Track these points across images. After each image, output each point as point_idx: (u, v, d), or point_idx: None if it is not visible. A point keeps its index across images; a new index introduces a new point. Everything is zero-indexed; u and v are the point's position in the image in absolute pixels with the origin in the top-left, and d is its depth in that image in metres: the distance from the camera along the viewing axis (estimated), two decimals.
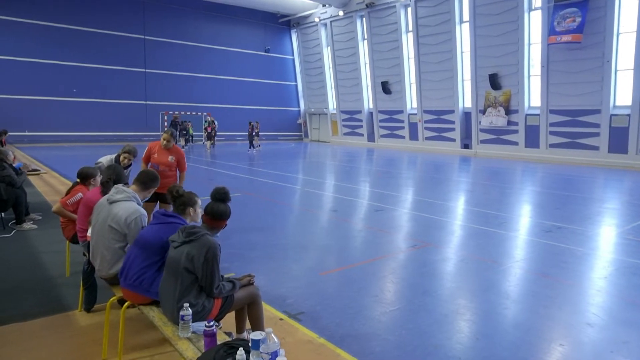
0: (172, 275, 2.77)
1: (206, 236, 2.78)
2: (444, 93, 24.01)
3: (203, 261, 2.69)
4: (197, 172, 14.28)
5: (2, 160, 6.72)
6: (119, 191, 3.41)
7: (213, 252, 2.72)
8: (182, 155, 5.87)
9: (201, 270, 2.70)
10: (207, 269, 2.70)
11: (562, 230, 7.19)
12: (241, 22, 31.22)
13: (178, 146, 6.09)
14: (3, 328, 3.54)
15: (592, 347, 3.46)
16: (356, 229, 7.40)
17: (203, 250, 2.70)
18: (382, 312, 4.04)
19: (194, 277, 2.72)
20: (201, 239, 2.75)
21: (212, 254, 2.72)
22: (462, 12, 22.72)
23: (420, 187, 12.37)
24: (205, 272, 2.71)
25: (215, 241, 2.79)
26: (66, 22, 24.84)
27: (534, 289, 4.68)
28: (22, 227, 6.55)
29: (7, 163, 6.79)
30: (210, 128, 24.19)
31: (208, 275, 2.71)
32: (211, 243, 2.75)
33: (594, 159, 18.56)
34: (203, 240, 2.74)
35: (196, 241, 2.74)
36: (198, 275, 2.72)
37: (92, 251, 3.45)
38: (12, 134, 21.32)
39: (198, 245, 2.72)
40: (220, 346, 2.23)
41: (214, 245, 2.74)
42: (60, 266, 4.91)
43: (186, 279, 2.71)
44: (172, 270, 2.77)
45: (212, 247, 2.73)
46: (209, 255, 2.70)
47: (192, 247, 2.72)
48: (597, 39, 17.90)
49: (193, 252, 2.70)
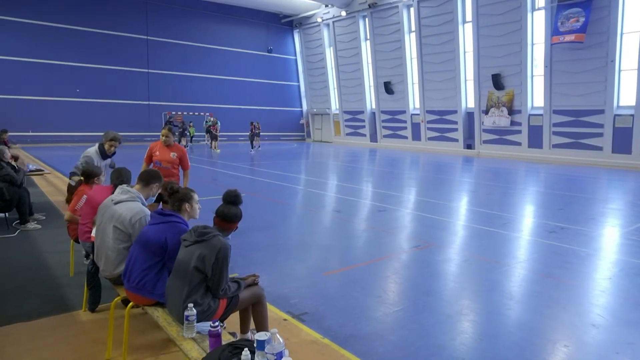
0: (181, 274, 2.78)
1: (218, 237, 2.80)
2: (447, 93, 23.98)
3: (214, 261, 2.71)
4: (200, 172, 14.30)
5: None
6: (124, 191, 3.42)
7: (224, 253, 2.74)
8: (184, 152, 5.88)
9: (211, 269, 2.72)
10: (217, 268, 2.72)
11: (565, 231, 7.17)
12: (244, 23, 31.26)
13: (179, 145, 6.09)
14: (8, 327, 3.55)
15: (596, 348, 3.45)
16: (359, 229, 7.40)
17: (215, 250, 2.72)
18: (386, 313, 4.04)
19: (203, 276, 2.74)
20: (213, 239, 2.77)
21: (224, 254, 2.74)
22: (465, 12, 22.69)
23: (423, 188, 12.36)
24: (215, 272, 2.72)
25: (226, 242, 2.81)
26: (69, 23, 24.93)
27: (537, 290, 4.66)
28: (26, 227, 6.56)
29: (4, 162, 6.75)
30: (214, 128, 24.22)
31: (217, 275, 2.73)
32: (223, 244, 2.76)
33: (598, 159, 18.49)
34: (215, 241, 2.76)
35: (208, 241, 2.76)
36: (208, 274, 2.73)
37: (96, 251, 3.46)
38: (16, 134, 21.41)
39: (210, 245, 2.74)
40: (225, 346, 2.23)
41: (225, 246, 2.76)
42: (64, 266, 4.93)
43: (195, 277, 2.72)
44: (181, 269, 2.78)
45: (223, 248, 2.75)
46: (220, 255, 2.72)
47: (204, 247, 2.74)
48: (600, 38, 17.84)
49: (204, 251, 2.72)
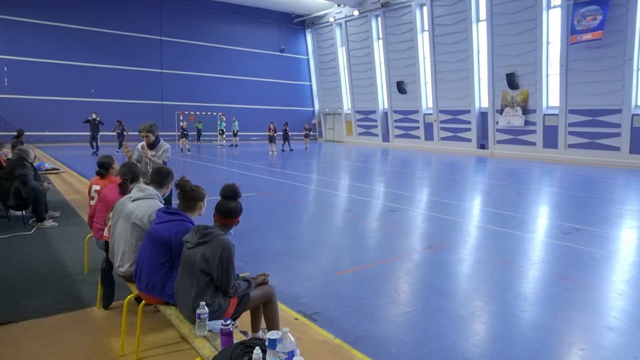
0: (187, 277, 2.77)
1: (220, 236, 2.77)
2: (460, 93, 23.77)
3: (218, 262, 2.69)
4: (214, 172, 14.39)
5: (23, 159, 6.86)
6: (141, 189, 3.47)
7: (228, 252, 2.72)
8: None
9: (216, 270, 2.70)
10: (222, 269, 2.70)
11: (581, 232, 7.05)
12: (256, 23, 31.39)
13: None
14: (25, 323, 3.61)
15: (613, 352, 3.38)
16: (371, 229, 7.37)
17: (218, 251, 2.70)
18: (398, 313, 4.01)
19: (209, 277, 2.72)
20: (215, 239, 2.74)
21: (227, 254, 2.71)
22: (478, 11, 22.47)
23: (435, 188, 12.26)
24: (221, 272, 2.71)
25: (229, 241, 2.78)
26: (85, 25, 25.33)
27: (552, 292, 4.59)
28: (43, 225, 6.68)
29: (28, 162, 6.92)
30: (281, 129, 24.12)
31: (224, 275, 2.72)
32: (225, 243, 2.74)
33: (615, 159, 18.16)
34: (217, 241, 2.74)
35: (210, 242, 2.73)
36: (213, 275, 2.72)
37: (111, 248, 3.50)
38: (33, 133, 21.82)
39: (212, 246, 2.72)
40: (236, 345, 2.23)
41: (228, 245, 2.74)
42: (79, 263, 4.99)
43: (202, 280, 2.71)
44: (187, 272, 2.78)
45: (226, 247, 2.72)
46: (224, 256, 2.70)
47: (207, 248, 2.72)
48: (618, 36, 17.51)
49: (207, 253, 2.70)
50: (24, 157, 6.89)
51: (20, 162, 6.74)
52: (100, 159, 4.86)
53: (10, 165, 6.79)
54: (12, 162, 6.84)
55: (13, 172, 6.59)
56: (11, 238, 6.05)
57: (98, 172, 4.78)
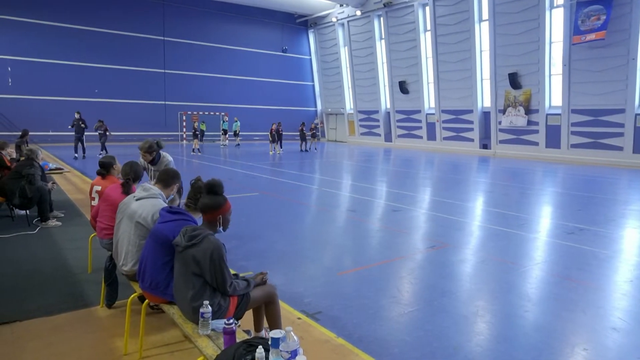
0: (182, 280, 2.76)
1: (208, 237, 2.72)
2: (463, 92, 23.74)
3: (209, 263, 2.66)
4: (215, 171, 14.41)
5: (32, 159, 6.91)
6: (146, 189, 3.47)
7: (218, 252, 2.67)
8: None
9: (209, 272, 2.67)
10: (215, 269, 2.67)
11: (584, 232, 7.03)
12: (259, 23, 31.42)
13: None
14: (29, 322, 3.63)
15: (617, 353, 3.37)
16: (374, 229, 7.37)
17: (208, 253, 2.66)
18: (401, 313, 4.01)
19: (203, 279, 2.70)
20: (203, 241, 2.70)
21: (217, 254, 2.67)
22: (481, 11, 22.43)
23: (438, 188, 12.25)
24: (214, 273, 2.68)
25: (218, 241, 2.74)
26: (88, 25, 25.40)
27: (556, 292, 4.58)
28: (47, 224, 6.71)
29: (36, 162, 6.96)
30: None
31: (218, 275, 2.69)
32: (214, 243, 2.69)
33: (618, 159, 18.10)
34: (205, 242, 2.69)
35: (199, 244, 2.69)
36: (207, 277, 2.69)
37: (115, 247, 3.51)
38: (37, 134, 21.87)
39: (202, 249, 2.68)
40: (239, 344, 2.23)
41: (217, 245, 2.69)
42: (82, 263, 5.01)
43: (197, 282, 2.69)
44: (181, 275, 2.76)
45: (215, 248, 2.68)
46: (215, 256, 2.66)
47: (196, 250, 2.68)
48: (622, 36, 17.44)
49: (198, 255, 2.67)
50: (33, 157, 6.95)
51: (29, 162, 6.81)
52: (102, 159, 4.88)
53: (20, 165, 6.85)
54: (22, 162, 6.91)
55: (21, 171, 6.64)
56: (15, 237, 6.08)
57: (99, 172, 4.79)
